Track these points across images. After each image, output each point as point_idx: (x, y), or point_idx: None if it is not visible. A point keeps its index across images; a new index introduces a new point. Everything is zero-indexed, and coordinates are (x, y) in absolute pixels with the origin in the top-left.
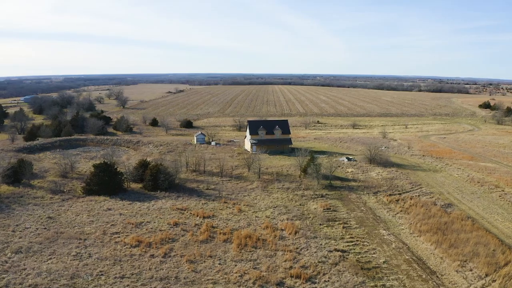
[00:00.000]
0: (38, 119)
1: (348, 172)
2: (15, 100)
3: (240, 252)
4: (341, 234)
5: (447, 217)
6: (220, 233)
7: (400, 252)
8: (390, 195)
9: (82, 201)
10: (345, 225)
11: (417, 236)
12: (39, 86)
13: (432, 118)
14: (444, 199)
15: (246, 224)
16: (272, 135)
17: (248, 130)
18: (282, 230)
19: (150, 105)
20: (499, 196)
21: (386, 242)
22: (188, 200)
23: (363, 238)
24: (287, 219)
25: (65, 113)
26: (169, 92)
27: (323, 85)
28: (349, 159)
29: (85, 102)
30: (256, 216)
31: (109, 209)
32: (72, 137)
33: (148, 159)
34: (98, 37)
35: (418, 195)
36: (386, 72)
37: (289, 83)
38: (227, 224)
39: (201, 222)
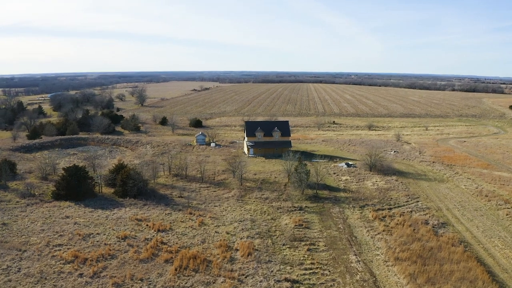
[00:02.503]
0: (55, 116)
1: (342, 180)
2: (43, 97)
3: (176, 276)
4: (302, 258)
5: (435, 241)
6: (165, 251)
7: (364, 286)
8: (378, 209)
9: (46, 207)
10: (311, 247)
11: (391, 266)
12: (71, 83)
13: (457, 120)
14: (440, 216)
15: (200, 240)
16: (271, 137)
17: (245, 132)
18: (237, 250)
19: (169, 103)
20: (506, 215)
21: (351, 271)
22: (153, 209)
23: (326, 264)
24: (248, 236)
25: (75, 111)
26: (194, 90)
27: (354, 84)
28: (348, 165)
29: (103, 99)
30: (216, 232)
31: (67, 217)
32: (74, 136)
33: (136, 161)
34: (135, 35)
35: (411, 211)
36: (422, 71)
37: (320, 81)
38: (179, 240)
39: (153, 236)
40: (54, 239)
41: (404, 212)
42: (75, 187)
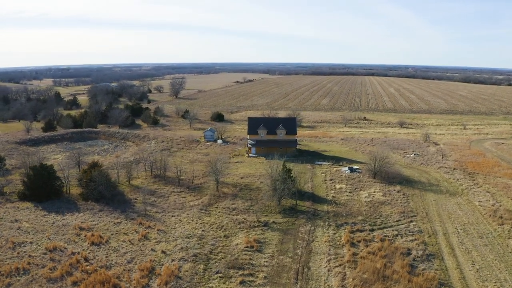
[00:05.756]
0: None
1: (334, 189)
2: (88, 88)
3: None
4: None
5: (406, 282)
6: (81, 271)
7: None
8: (356, 230)
9: (6, 208)
10: (247, 279)
11: None
12: (121, 74)
13: (502, 118)
14: (430, 244)
15: (127, 260)
16: (274, 135)
17: (247, 129)
18: (158, 275)
19: (204, 95)
20: None
21: None
22: (106, 216)
23: None
24: (181, 258)
25: (100, 103)
26: (237, 81)
27: (407, 77)
28: (352, 170)
29: (138, 91)
30: (152, 249)
31: (16, 221)
32: (86, 129)
33: (131, 159)
34: (193, 27)
35: (397, 235)
36: (483, 65)
37: (372, 74)
38: (106, 256)
39: (82, 250)
40: None
41: (387, 236)
42: (39, 187)
